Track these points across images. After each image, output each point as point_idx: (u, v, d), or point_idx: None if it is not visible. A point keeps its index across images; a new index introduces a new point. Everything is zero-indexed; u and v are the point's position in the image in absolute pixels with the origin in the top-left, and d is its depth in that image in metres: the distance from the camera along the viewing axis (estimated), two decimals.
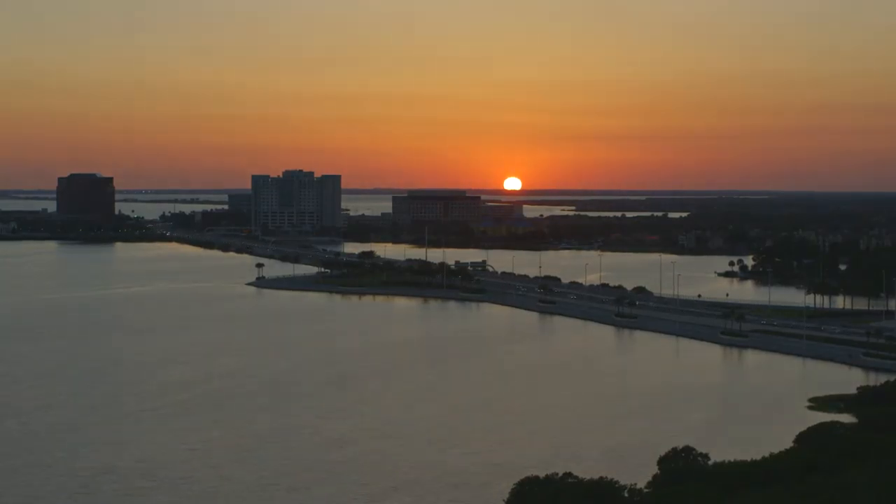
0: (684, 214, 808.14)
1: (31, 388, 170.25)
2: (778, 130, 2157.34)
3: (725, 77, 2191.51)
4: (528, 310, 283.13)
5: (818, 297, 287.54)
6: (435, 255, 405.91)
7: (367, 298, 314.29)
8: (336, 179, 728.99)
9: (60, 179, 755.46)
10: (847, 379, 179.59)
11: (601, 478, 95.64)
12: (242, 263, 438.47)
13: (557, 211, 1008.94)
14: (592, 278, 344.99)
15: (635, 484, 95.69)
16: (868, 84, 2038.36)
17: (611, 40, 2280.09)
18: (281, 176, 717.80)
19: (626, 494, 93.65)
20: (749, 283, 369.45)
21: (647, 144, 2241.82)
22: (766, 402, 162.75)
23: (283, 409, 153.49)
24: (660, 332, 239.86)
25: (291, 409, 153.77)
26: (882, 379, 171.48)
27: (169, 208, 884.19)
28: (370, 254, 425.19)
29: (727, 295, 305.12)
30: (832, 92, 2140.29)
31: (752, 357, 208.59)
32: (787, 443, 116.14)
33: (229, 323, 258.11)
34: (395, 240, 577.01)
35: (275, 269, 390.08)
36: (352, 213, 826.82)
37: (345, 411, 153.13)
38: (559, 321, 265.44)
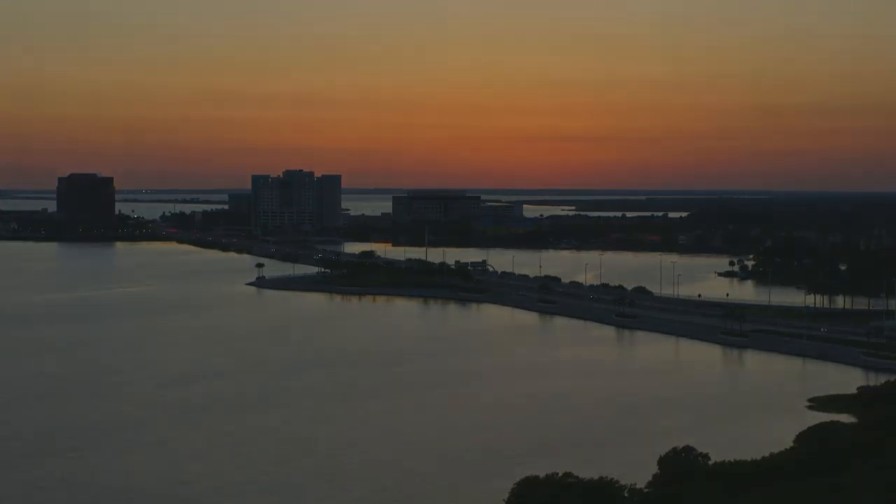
0: (684, 214, 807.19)
1: None
2: (779, 130, 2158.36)
3: (726, 77, 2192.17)
4: (529, 310, 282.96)
5: (818, 297, 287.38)
6: (435, 255, 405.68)
7: (368, 299, 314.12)
8: (336, 179, 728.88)
9: (60, 179, 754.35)
10: (847, 379, 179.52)
11: (601, 478, 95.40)
12: (242, 263, 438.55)
13: (557, 211, 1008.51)
14: (592, 278, 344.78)
15: (635, 484, 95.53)
16: (867, 84, 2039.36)
17: (610, 40, 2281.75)
18: (281, 176, 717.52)
19: (626, 494, 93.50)
20: (749, 283, 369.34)
21: (647, 144, 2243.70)
22: (766, 402, 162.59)
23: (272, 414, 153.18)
24: (660, 332, 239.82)
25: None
26: (882, 379, 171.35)
27: (169, 208, 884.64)
28: (370, 254, 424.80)
29: (727, 295, 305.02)
30: (832, 93, 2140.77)
31: (752, 357, 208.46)
32: (787, 443, 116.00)
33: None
34: (395, 240, 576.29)
35: (275, 268, 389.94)
36: (352, 213, 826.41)
37: (343, 413, 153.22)
38: (559, 321, 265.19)
